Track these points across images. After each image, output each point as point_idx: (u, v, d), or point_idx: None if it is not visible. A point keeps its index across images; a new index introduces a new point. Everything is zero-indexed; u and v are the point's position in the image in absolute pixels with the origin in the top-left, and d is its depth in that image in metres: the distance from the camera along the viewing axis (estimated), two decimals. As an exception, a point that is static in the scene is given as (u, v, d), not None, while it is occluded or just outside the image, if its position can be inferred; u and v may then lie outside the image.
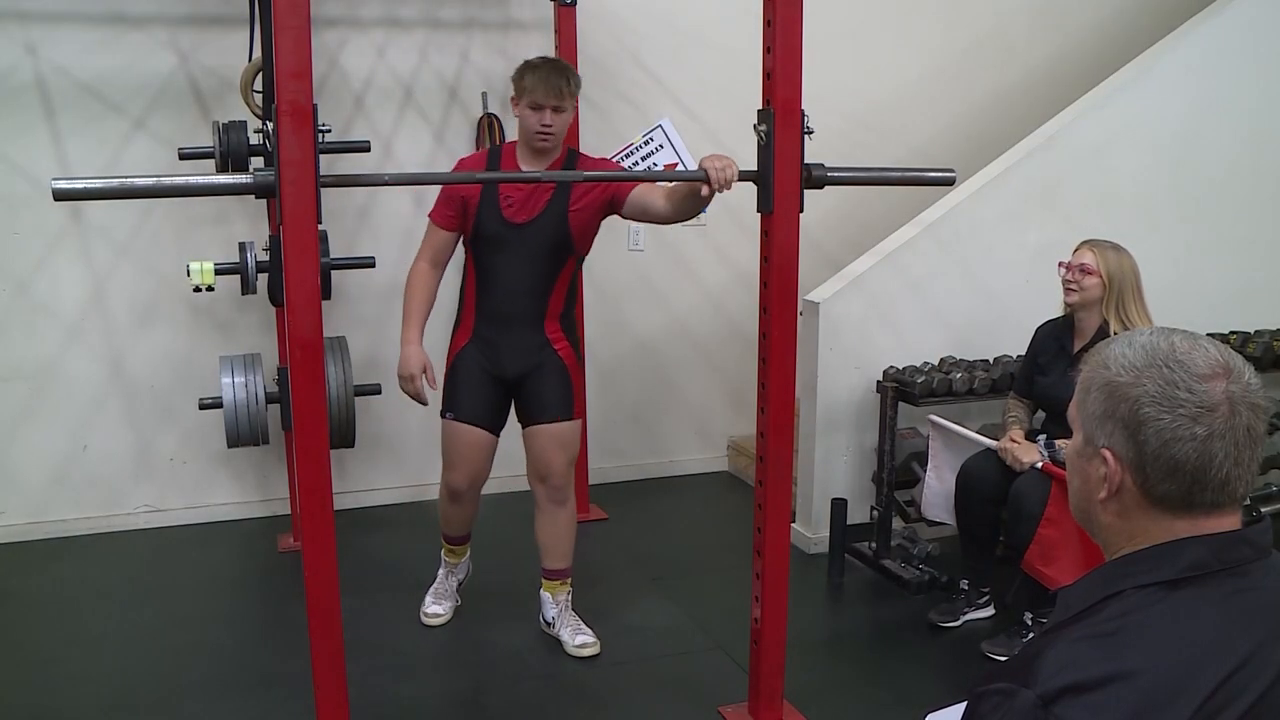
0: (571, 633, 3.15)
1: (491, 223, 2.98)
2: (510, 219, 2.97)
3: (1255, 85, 4.27)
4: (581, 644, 3.12)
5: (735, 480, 4.72)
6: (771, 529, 2.68)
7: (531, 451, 3.11)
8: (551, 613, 3.21)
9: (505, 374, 3.06)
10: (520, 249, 2.98)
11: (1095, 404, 1.13)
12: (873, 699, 2.97)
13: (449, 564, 3.38)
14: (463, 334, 3.10)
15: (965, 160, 4.38)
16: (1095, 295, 3.14)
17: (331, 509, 2.30)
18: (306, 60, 2.10)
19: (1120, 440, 1.10)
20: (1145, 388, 1.09)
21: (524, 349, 3.05)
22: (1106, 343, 1.17)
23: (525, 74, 2.94)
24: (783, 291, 2.59)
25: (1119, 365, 1.12)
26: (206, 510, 4.20)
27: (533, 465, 3.13)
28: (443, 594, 3.36)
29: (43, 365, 3.96)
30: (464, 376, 3.07)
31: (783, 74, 2.46)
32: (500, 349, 3.05)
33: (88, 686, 2.97)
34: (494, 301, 3.03)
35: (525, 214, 2.97)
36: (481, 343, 3.06)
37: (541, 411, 3.07)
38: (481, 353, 3.06)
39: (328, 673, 2.35)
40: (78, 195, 2.23)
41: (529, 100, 2.92)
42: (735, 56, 3.66)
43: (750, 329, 3.07)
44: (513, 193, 2.98)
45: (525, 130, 2.97)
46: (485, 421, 3.08)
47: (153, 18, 3.88)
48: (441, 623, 3.29)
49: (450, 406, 3.08)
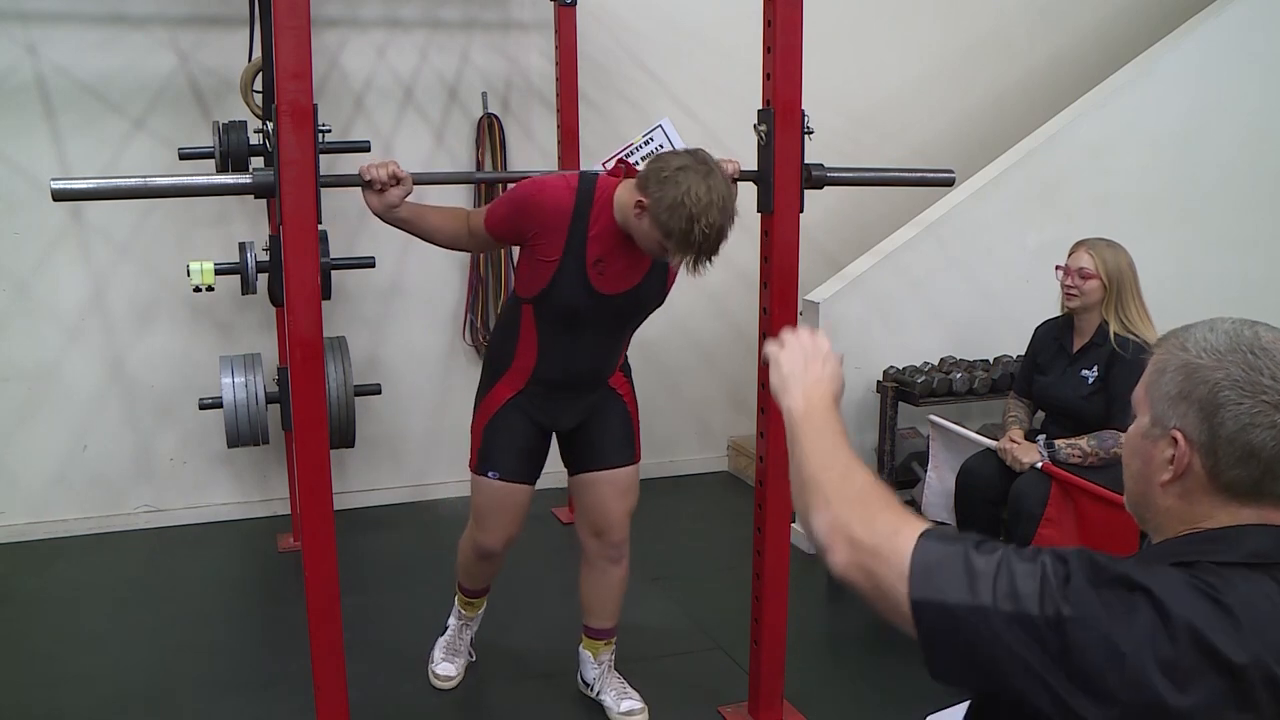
0: (616, 697, 2.83)
1: (575, 292, 2.45)
2: (601, 290, 2.47)
3: (1255, 85, 4.27)
4: (628, 710, 2.80)
5: (735, 480, 4.72)
6: (771, 529, 2.68)
7: (586, 501, 2.74)
8: (593, 674, 2.88)
9: (557, 426, 2.69)
10: (605, 320, 2.54)
11: (1170, 384, 1.12)
12: (873, 699, 2.97)
13: (465, 617, 3.01)
14: (507, 386, 2.64)
15: (965, 160, 4.39)
16: (1096, 298, 3.14)
17: (331, 509, 2.30)
18: (306, 60, 2.10)
19: (1193, 422, 1.09)
20: (1228, 371, 1.08)
21: (585, 404, 2.68)
22: (1184, 328, 1.16)
23: (679, 231, 2.23)
24: (783, 291, 2.59)
25: (1199, 348, 1.11)
26: (206, 510, 4.20)
27: (588, 517, 2.75)
28: (456, 649, 3.00)
29: (43, 365, 3.96)
30: (508, 432, 2.64)
31: (783, 74, 2.46)
32: (558, 404, 2.65)
33: (88, 686, 2.97)
34: (559, 369, 2.60)
35: (622, 284, 2.49)
36: (534, 398, 2.63)
37: (601, 457, 2.69)
38: (532, 404, 2.63)
39: (328, 673, 2.35)
40: (76, 195, 2.23)
41: (673, 252, 2.30)
42: (735, 56, 3.66)
43: (750, 329, 3.07)
44: (608, 255, 2.43)
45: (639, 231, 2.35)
46: (529, 478, 2.70)
47: (153, 18, 3.88)
48: (453, 685, 2.94)
49: (493, 465, 2.64)
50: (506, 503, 2.67)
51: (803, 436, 1.26)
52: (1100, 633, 0.98)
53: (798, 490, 1.23)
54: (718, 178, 2.27)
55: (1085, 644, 0.98)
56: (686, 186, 2.22)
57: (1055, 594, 1.00)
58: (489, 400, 2.66)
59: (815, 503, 1.18)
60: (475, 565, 2.84)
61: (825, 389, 1.32)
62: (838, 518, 1.14)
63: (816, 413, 1.28)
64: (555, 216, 2.42)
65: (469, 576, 2.92)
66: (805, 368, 1.34)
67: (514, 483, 2.66)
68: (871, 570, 1.10)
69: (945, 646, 1.04)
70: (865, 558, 1.10)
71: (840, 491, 1.17)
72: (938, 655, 1.05)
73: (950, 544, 1.07)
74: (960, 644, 1.03)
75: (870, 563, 1.10)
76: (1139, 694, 0.97)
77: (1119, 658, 0.97)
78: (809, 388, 1.31)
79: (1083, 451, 3.06)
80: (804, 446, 1.25)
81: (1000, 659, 1.01)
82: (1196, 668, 0.98)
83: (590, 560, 2.80)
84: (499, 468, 2.64)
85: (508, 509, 2.68)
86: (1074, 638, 0.98)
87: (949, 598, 1.03)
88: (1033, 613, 1.00)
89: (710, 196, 2.22)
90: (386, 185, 2.36)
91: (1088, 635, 0.98)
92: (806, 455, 1.23)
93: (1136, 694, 0.97)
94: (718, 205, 2.23)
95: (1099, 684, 0.97)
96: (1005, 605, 1.01)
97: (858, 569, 1.11)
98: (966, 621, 1.02)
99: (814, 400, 1.30)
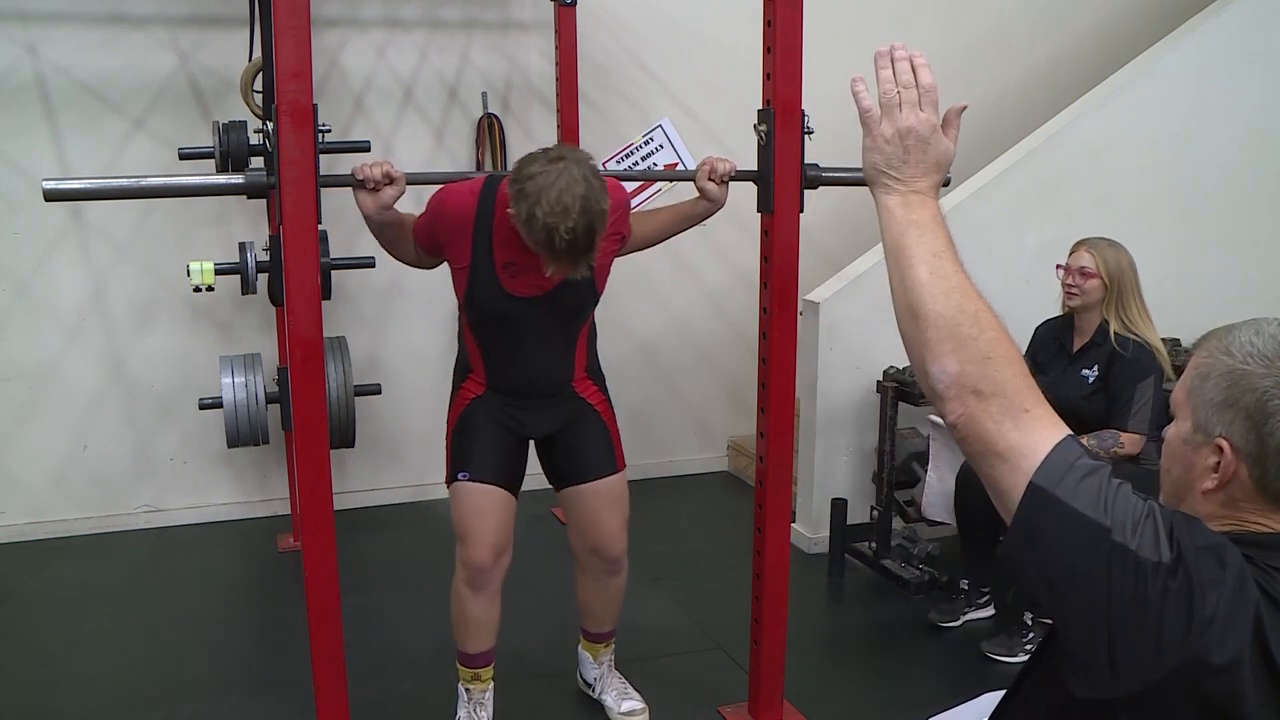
0: (617, 698, 2.82)
1: (491, 296, 2.41)
2: (516, 293, 2.41)
3: (1255, 85, 4.27)
4: (629, 711, 2.79)
5: (735, 480, 4.72)
6: (771, 529, 2.68)
7: (578, 517, 2.68)
8: (593, 674, 2.88)
9: (529, 433, 2.61)
10: (536, 321, 2.46)
11: (1215, 391, 1.08)
12: (873, 699, 2.97)
13: (474, 694, 2.67)
14: (473, 385, 2.58)
15: (965, 160, 4.37)
16: (1097, 297, 3.14)
17: (331, 509, 2.30)
18: (306, 60, 2.10)
19: (1240, 431, 1.06)
20: (1277, 379, 1.05)
21: (552, 411, 2.60)
22: (1226, 329, 1.12)
23: (542, 243, 2.19)
24: (783, 291, 2.59)
25: (1245, 353, 1.07)
26: (206, 510, 4.21)
27: (582, 534, 2.69)
28: None
29: (43, 365, 3.96)
30: (477, 432, 2.55)
31: (783, 74, 2.46)
32: (523, 411, 2.58)
33: (88, 686, 2.97)
34: (508, 377, 2.55)
35: (541, 285, 2.40)
36: (497, 405, 2.56)
37: (585, 469, 2.62)
38: (500, 408, 2.56)
39: (328, 673, 2.35)
40: (69, 196, 2.21)
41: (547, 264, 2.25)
42: (735, 56, 3.66)
43: (750, 329, 3.07)
44: (518, 257, 2.36)
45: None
46: (506, 480, 2.55)
47: (153, 18, 3.88)
48: None
49: (463, 466, 2.53)
50: (484, 504, 2.52)
51: (909, 247, 1.14)
52: (1190, 594, 0.97)
53: (906, 315, 1.14)
54: (574, 175, 2.16)
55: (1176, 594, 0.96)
56: (538, 196, 2.14)
57: (1163, 542, 0.98)
58: (456, 403, 2.61)
59: (936, 347, 1.10)
60: (469, 602, 2.58)
61: (930, 166, 1.18)
62: (966, 374, 1.07)
63: (922, 209, 1.16)
64: (459, 219, 2.39)
65: (464, 629, 2.63)
66: (903, 145, 1.19)
67: (488, 483, 2.52)
68: (993, 438, 1.05)
69: (1036, 531, 1.02)
70: (990, 423, 1.05)
71: (970, 343, 1.07)
72: (1023, 537, 1.03)
73: (1094, 459, 1.04)
74: (1055, 542, 1.01)
75: (994, 430, 1.05)
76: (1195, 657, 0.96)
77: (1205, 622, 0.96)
78: (909, 172, 1.18)
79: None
80: (911, 261, 1.13)
81: (1081, 577, 0.99)
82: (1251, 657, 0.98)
83: (587, 570, 2.76)
84: (469, 468, 2.53)
85: (487, 511, 2.52)
86: (1169, 586, 0.97)
87: (1076, 503, 1.00)
88: (1143, 555, 0.98)
89: (565, 200, 2.12)
90: (380, 185, 2.30)
91: (1180, 590, 0.97)
92: (918, 279, 1.12)
93: (1192, 657, 0.96)
94: (575, 208, 2.13)
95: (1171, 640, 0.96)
96: (1120, 536, 0.99)
97: (975, 426, 1.06)
98: (1078, 529, 1.00)
99: (920, 188, 1.18)
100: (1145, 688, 0.97)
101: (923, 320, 1.11)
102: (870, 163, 1.21)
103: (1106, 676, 0.98)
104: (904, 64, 1.20)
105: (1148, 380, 3.04)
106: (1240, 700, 0.97)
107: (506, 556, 2.58)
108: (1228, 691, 0.97)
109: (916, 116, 1.19)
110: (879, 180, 1.20)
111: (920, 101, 1.19)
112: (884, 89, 1.21)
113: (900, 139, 1.19)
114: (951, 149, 1.20)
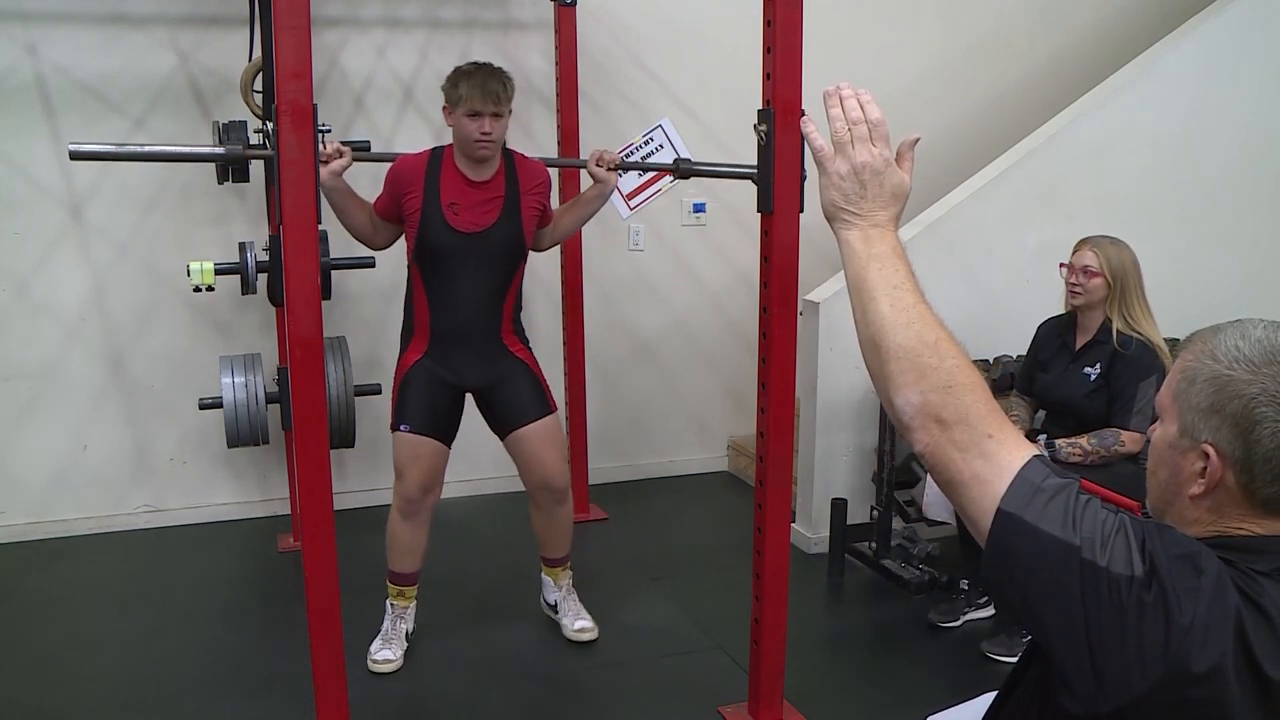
0: (572, 618, 3.19)
1: (437, 233, 2.89)
2: (458, 228, 2.90)
3: (1255, 85, 4.27)
4: (580, 629, 3.16)
5: (735, 480, 4.72)
6: (771, 529, 2.68)
7: (523, 457, 3.06)
8: (554, 596, 3.24)
9: (465, 384, 3.02)
10: (474, 260, 2.92)
11: (1201, 396, 1.08)
12: (873, 699, 2.97)
13: (398, 608, 3.13)
14: (414, 351, 3.02)
15: (965, 160, 4.38)
16: (1100, 296, 3.14)
17: (331, 509, 2.30)
18: (306, 60, 2.10)
19: (1226, 437, 1.06)
20: (1264, 386, 1.04)
21: (484, 359, 3.01)
22: (1211, 331, 1.12)
23: (459, 81, 2.87)
24: (783, 291, 2.59)
25: (1231, 358, 1.07)
26: (206, 510, 4.20)
27: (530, 471, 3.07)
28: (391, 639, 3.09)
29: (43, 365, 3.96)
30: (417, 389, 2.98)
31: (783, 74, 2.46)
32: (459, 361, 2.99)
33: (88, 686, 2.97)
34: (449, 318, 2.97)
35: (477, 223, 2.91)
36: (437, 356, 2.99)
37: (522, 414, 3.03)
38: (438, 365, 2.99)
39: (328, 673, 2.36)
40: (91, 156, 2.50)
41: (466, 109, 2.86)
42: (735, 56, 3.66)
43: (750, 329, 3.07)
44: (459, 198, 2.90)
45: (463, 139, 2.90)
46: (439, 433, 2.99)
47: (153, 18, 3.88)
48: (394, 668, 3.02)
49: (404, 419, 2.97)
50: (420, 452, 2.96)
51: (870, 281, 1.17)
52: (1166, 605, 0.97)
53: (870, 347, 1.15)
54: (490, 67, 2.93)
55: (1152, 606, 0.97)
56: (455, 69, 2.93)
57: (1135, 555, 0.99)
58: (401, 367, 3.03)
59: (898, 379, 1.11)
60: (400, 528, 3.04)
61: (887, 199, 1.21)
62: (929, 403, 1.09)
63: (881, 243, 1.19)
64: (413, 172, 2.94)
65: (395, 550, 3.08)
66: (858, 180, 1.22)
67: (425, 435, 2.95)
68: (959, 467, 1.06)
69: (1008, 557, 1.03)
70: (955, 452, 1.07)
71: (931, 373, 1.09)
72: (996, 562, 1.05)
73: (1060, 478, 1.05)
74: (1027, 566, 1.02)
75: (960, 459, 1.06)
76: (1176, 667, 0.97)
77: (1183, 631, 0.97)
78: (867, 206, 1.21)
79: (1084, 450, 3.06)
80: (873, 294, 1.16)
81: (1057, 598, 1.00)
82: (1235, 663, 0.98)
83: (538, 504, 3.13)
84: (410, 420, 2.96)
85: (422, 458, 2.96)
86: (1145, 599, 0.97)
87: (1044, 525, 1.01)
88: (1115, 570, 0.98)
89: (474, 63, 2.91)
90: (331, 157, 2.78)
91: (1155, 601, 0.97)
92: (880, 312, 1.14)
93: (1174, 667, 0.97)
94: (479, 62, 2.94)
95: (1151, 652, 0.97)
96: (1090, 554, 0.99)
97: (940, 455, 1.08)
98: (1048, 551, 1.01)
99: (879, 221, 1.20)
100: (1133, 700, 0.97)
101: (885, 352, 1.13)
102: (828, 200, 1.24)
103: (1093, 692, 0.98)
104: (852, 101, 1.24)
105: (1150, 379, 3.03)
106: (1227, 706, 0.98)
107: (433, 495, 3.04)
108: (1213, 698, 0.97)
109: (869, 151, 1.22)
110: (838, 216, 1.23)
111: (871, 136, 1.23)
112: (835, 127, 1.24)
113: (855, 174, 1.22)
114: (907, 180, 1.24)
